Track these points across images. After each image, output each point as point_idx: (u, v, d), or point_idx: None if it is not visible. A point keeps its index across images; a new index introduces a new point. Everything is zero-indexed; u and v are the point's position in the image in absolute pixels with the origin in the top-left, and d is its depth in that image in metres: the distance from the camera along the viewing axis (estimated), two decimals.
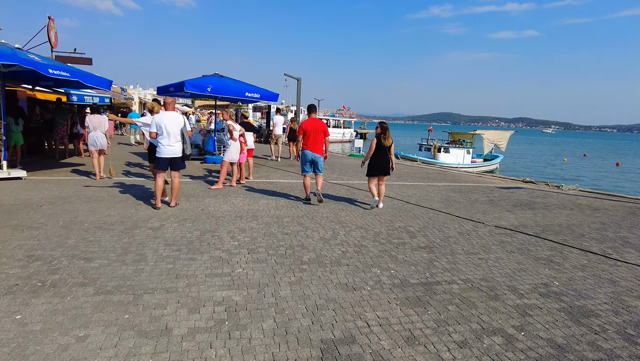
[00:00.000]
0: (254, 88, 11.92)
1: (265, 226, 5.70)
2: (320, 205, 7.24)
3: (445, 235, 5.76)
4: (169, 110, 6.37)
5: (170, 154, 6.34)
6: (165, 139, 6.26)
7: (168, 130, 6.24)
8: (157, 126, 6.23)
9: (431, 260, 4.65)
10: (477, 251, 5.12)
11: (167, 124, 6.23)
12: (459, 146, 23.15)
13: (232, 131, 8.27)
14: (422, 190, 9.64)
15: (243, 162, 9.06)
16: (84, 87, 10.40)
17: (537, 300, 3.72)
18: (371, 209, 7.16)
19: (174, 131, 6.30)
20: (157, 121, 6.22)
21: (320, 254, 4.61)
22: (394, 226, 6.06)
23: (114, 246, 4.58)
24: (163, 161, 6.33)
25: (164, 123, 6.21)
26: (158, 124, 6.23)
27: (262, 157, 15.50)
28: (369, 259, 4.55)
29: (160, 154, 6.30)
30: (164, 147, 6.27)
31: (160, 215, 6.03)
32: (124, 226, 5.40)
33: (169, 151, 6.31)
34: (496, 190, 10.44)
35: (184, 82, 10.59)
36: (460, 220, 6.77)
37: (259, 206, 6.93)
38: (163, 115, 6.27)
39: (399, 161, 17.80)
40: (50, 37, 19.30)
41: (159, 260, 4.23)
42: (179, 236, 5.07)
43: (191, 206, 6.71)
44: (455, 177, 12.59)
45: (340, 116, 47.67)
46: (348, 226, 5.91)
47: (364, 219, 6.37)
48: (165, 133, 6.23)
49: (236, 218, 6.08)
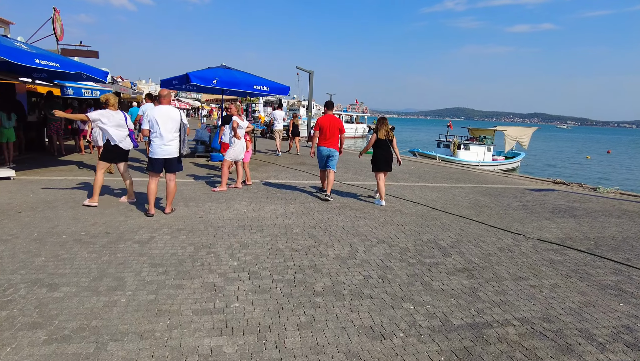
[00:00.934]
0: (263, 81, 11.09)
1: (271, 239, 4.88)
2: (335, 212, 6.40)
3: (484, 252, 4.86)
4: (163, 104, 5.57)
5: (165, 155, 5.55)
6: (158, 137, 5.47)
7: (161, 127, 5.45)
8: (149, 122, 5.45)
9: (474, 289, 3.77)
10: (526, 275, 4.22)
11: (160, 120, 5.44)
12: (479, 143, 21.98)
13: (237, 128, 7.45)
14: (447, 193, 8.72)
15: (247, 161, 8.25)
16: (81, 79, 9.71)
17: (625, 355, 2.82)
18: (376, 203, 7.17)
19: (168, 128, 5.51)
20: (149, 117, 5.43)
21: (336, 281, 3.77)
22: (422, 240, 5.19)
23: (89, 267, 3.81)
24: (157, 163, 5.55)
25: (157, 119, 5.42)
26: (150, 120, 5.44)
27: (266, 151, 14.70)
28: (397, 288, 3.70)
29: (153, 155, 5.51)
30: (157, 147, 5.49)
31: (152, 224, 5.26)
32: (107, 238, 4.63)
33: (164, 151, 5.52)
34: (527, 193, 9.46)
35: (188, 74, 9.81)
36: (497, 231, 5.85)
37: (265, 213, 6.12)
38: (156, 110, 5.48)
39: (417, 159, 16.81)
40: (56, 29, 18.77)
41: (139, 288, 3.44)
42: (168, 253, 4.28)
43: (189, 212, 5.93)
44: (480, 178, 11.61)
45: (353, 111, 46.55)
46: (368, 240, 5.05)
47: (385, 231, 5.51)
48: (159, 131, 5.44)
49: (238, 228, 5.27)
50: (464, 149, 21.43)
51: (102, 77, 8.34)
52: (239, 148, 7.59)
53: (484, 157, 21.42)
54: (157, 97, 5.65)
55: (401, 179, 10.26)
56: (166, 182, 5.77)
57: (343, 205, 6.92)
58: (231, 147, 7.58)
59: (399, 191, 8.59)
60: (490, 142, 22.64)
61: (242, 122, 7.61)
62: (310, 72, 21.21)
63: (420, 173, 11.69)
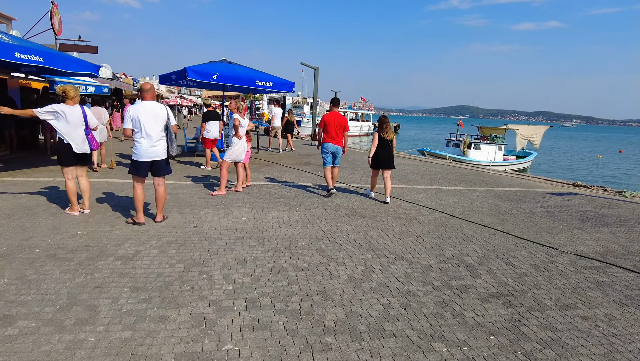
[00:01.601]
0: (266, 76, 10.47)
1: (273, 254, 4.27)
2: (344, 220, 5.78)
3: (517, 271, 4.23)
4: (147, 99, 4.94)
5: (152, 157, 4.96)
6: (144, 138, 4.87)
7: (147, 126, 4.84)
8: (132, 120, 4.83)
9: (515, 322, 3.14)
10: (572, 301, 3.58)
11: (145, 118, 4.82)
12: (490, 142, 21.24)
13: (237, 126, 6.85)
14: (464, 197, 8.08)
15: (247, 162, 7.65)
16: (73, 74, 9.13)
17: None
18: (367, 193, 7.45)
19: (154, 126, 4.91)
20: (132, 115, 4.81)
21: (351, 312, 3.15)
22: (445, 256, 4.56)
23: (58, 292, 3.22)
24: (142, 166, 4.95)
25: (141, 117, 4.80)
26: (133, 118, 4.81)
27: (270, 150, 14.10)
28: (424, 321, 3.08)
29: (138, 157, 4.91)
30: (143, 148, 4.89)
31: (140, 235, 4.67)
32: (86, 253, 4.05)
33: (151, 153, 4.93)
34: (548, 197, 8.79)
35: (186, 68, 9.20)
36: (526, 244, 5.22)
37: (267, 221, 5.52)
38: (139, 106, 4.86)
39: (427, 159, 16.15)
40: (54, 23, 18.25)
41: (114, 320, 2.85)
42: (154, 272, 3.69)
43: (182, 220, 5.34)
44: (495, 180, 10.95)
45: (358, 108, 45.77)
46: (384, 255, 4.43)
47: (403, 244, 4.88)
48: (144, 130, 4.84)
49: (236, 240, 4.67)
50: (474, 149, 20.69)
51: (94, 72, 7.75)
52: (239, 149, 6.99)
53: (494, 157, 20.68)
54: (139, 91, 4.98)
55: (413, 181, 9.62)
56: (155, 187, 5.18)
57: (353, 212, 6.30)
58: (231, 147, 6.98)
59: (413, 195, 7.96)
60: (502, 141, 21.87)
61: (243, 121, 7.01)
62: (316, 69, 20.57)
63: (432, 175, 11.04)
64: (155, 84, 44.78)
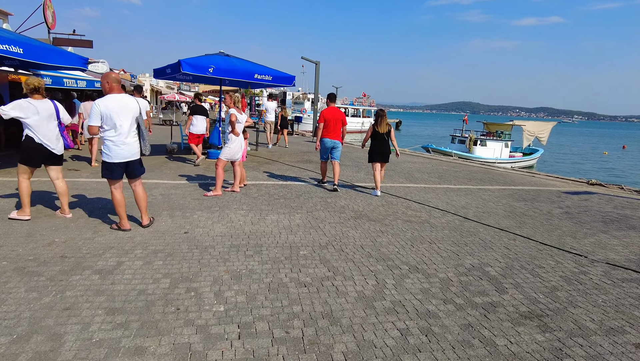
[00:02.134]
0: (265, 69, 9.95)
1: (272, 266, 3.79)
2: (350, 224, 5.30)
3: (547, 284, 3.75)
4: (115, 91, 4.33)
5: (127, 157, 4.44)
6: (116, 136, 4.31)
7: (120, 122, 4.29)
8: (102, 116, 4.20)
9: (557, 352, 2.66)
10: (618, 324, 3.10)
11: (116, 113, 4.25)
12: (496, 139, 20.69)
13: (234, 122, 6.36)
14: (476, 197, 7.59)
15: (244, 160, 7.17)
16: (61, 67, 8.64)
17: None
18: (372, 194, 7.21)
19: (127, 123, 4.37)
20: (102, 110, 4.18)
21: (363, 341, 2.67)
22: (465, 266, 4.08)
23: (19, 316, 2.74)
24: (117, 168, 4.40)
25: (112, 112, 4.23)
26: (104, 113, 4.20)
27: (270, 147, 13.61)
28: (450, 351, 2.60)
29: (111, 158, 4.34)
30: (117, 147, 4.34)
31: (125, 243, 4.19)
32: (61, 266, 3.57)
33: (125, 152, 4.41)
34: (564, 197, 8.30)
35: (181, 61, 8.69)
36: (551, 251, 4.74)
37: (265, 226, 5.04)
38: (108, 100, 4.25)
39: (432, 156, 15.64)
40: (47, 17, 17.71)
41: (79, 355, 2.37)
42: (136, 289, 3.21)
43: (173, 225, 4.85)
44: (505, 178, 10.45)
45: (359, 104, 45.17)
46: (396, 267, 3.95)
47: (416, 252, 4.40)
48: (117, 127, 4.28)
49: (231, 249, 4.19)
50: (480, 145, 20.14)
51: (82, 65, 7.25)
52: (236, 146, 6.50)
53: (501, 153, 20.14)
54: (105, 82, 4.28)
55: (421, 180, 9.13)
56: (133, 190, 4.68)
57: (359, 214, 5.81)
58: (227, 145, 6.49)
59: (422, 195, 7.47)
60: (508, 137, 21.32)
61: (240, 116, 6.51)
62: (317, 63, 20.02)
63: (439, 172, 10.54)
64: (156, 82, 43.68)
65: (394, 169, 10.57)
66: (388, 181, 8.66)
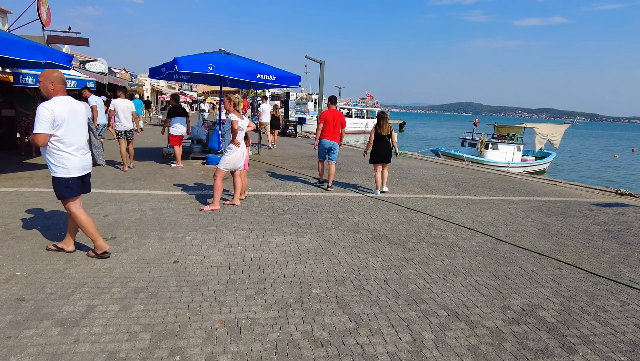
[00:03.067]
0: (269, 69, 9.21)
1: (278, 313, 3.05)
2: (368, 247, 4.56)
3: (624, 338, 3.00)
4: (60, 94, 3.54)
5: (87, 169, 3.76)
6: (72, 145, 3.57)
7: (76, 128, 3.59)
8: (55, 123, 3.42)
9: None
10: None
11: (69, 117, 3.51)
12: (508, 142, 19.87)
13: (236, 131, 5.62)
14: (501, 211, 6.84)
15: (247, 169, 6.45)
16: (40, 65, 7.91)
17: None
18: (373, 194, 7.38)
19: (83, 129, 3.69)
20: (56, 114, 3.40)
21: None
22: (513, 309, 3.33)
23: None
24: (75, 183, 3.66)
25: (65, 116, 3.48)
26: (58, 119, 3.43)
27: (272, 155, 12.89)
28: None
29: (69, 173, 3.58)
30: (73, 157, 3.59)
31: (100, 278, 3.46)
32: (14, 313, 2.85)
33: (85, 163, 3.72)
34: (596, 210, 7.55)
35: (176, 59, 7.96)
36: (608, 285, 3.99)
37: (269, 251, 4.31)
38: (63, 103, 3.50)
39: (444, 161, 14.89)
40: (41, 13, 16.99)
41: None
42: (105, 351, 2.48)
43: (161, 251, 4.12)
44: (527, 187, 9.69)
45: (363, 105, 44.35)
46: (432, 312, 3.20)
47: (452, 288, 3.66)
48: (73, 134, 3.57)
49: (228, 286, 3.46)
50: (492, 149, 19.34)
51: (64, 63, 6.53)
52: (237, 155, 5.77)
53: (513, 157, 19.34)
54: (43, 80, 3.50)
55: (437, 190, 8.38)
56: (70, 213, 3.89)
57: (376, 235, 5.07)
58: (228, 153, 5.76)
59: (443, 208, 6.72)
60: (520, 140, 20.50)
61: (241, 122, 5.78)
62: (321, 62, 19.29)
63: (456, 180, 9.79)
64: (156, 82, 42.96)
65: (406, 177, 9.84)
66: (403, 192, 7.92)
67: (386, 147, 7.45)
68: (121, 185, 7.01)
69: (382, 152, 7.40)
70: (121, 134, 8.50)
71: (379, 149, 7.42)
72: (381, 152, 7.40)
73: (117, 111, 8.41)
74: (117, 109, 8.40)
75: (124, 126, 8.49)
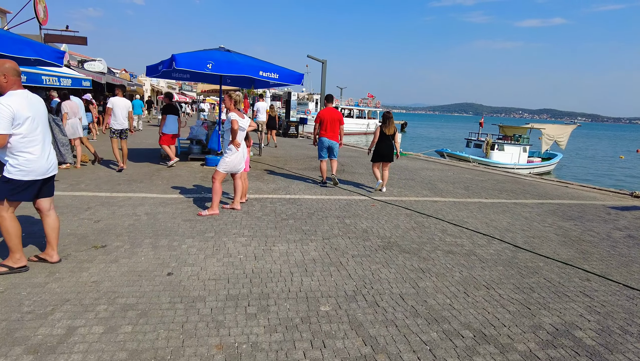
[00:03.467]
0: (271, 66, 8.85)
1: (283, 336, 2.70)
2: (379, 257, 4.20)
3: None
4: (15, 87, 3.18)
5: (51, 171, 3.41)
6: (37, 145, 3.24)
7: (39, 126, 3.27)
8: (15, 121, 3.06)
9: None
10: None
11: (29, 113, 3.16)
12: (514, 143, 19.48)
13: (236, 131, 5.28)
14: (516, 215, 6.48)
15: (248, 170, 6.11)
16: (42, 63, 7.59)
17: None
18: (374, 191, 7.54)
19: (46, 127, 3.37)
20: (15, 111, 3.05)
21: None
22: (546, 329, 2.97)
23: None
24: (32, 187, 3.29)
25: (25, 112, 3.12)
26: (19, 116, 3.08)
27: (273, 155, 12.55)
28: None
29: (27, 175, 3.21)
30: (37, 160, 3.25)
31: (86, 293, 3.11)
32: None
33: (50, 164, 3.38)
34: (614, 214, 7.19)
35: (174, 56, 7.61)
36: None
37: (272, 261, 3.95)
38: (22, 98, 3.14)
39: (450, 162, 14.53)
40: (38, 12, 16.72)
41: None
42: None
43: (154, 261, 3.77)
44: (538, 189, 9.33)
45: (365, 105, 43.96)
46: (457, 333, 2.84)
47: (474, 304, 3.30)
48: (37, 133, 3.24)
49: (227, 302, 3.11)
50: (497, 150, 18.96)
51: (55, 60, 6.18)
52: (237, 157, 5.43)
53: (519, 158, 18.95)
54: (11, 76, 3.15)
55: (447, 192, 8.02)
56: (43, 215, 3.53)
57: (387, 243, 4.72)
58: (227, 155, 5.42)
59: (454, 212, 6.36)
60: (526, 141, 20.11)
61: (242, 121, 5.43)
62: (323, 62, 18.95)
63: (465, 183, 9.42)
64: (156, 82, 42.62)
65: (413, 178, 9.48)
66: (411, 195, 7.56)
67: (389, 147, 7.51)
68: (116, 188, 6.66)
69: (384, 151, 7.48)
70: (116, 132, 8.19)
71: (381, 149, 7.49)
72: (384, 153, 7.49)
73: (114, 110, 8.12)
74: (115, 108, 8.12)
75: (120, 125, 8.19)
